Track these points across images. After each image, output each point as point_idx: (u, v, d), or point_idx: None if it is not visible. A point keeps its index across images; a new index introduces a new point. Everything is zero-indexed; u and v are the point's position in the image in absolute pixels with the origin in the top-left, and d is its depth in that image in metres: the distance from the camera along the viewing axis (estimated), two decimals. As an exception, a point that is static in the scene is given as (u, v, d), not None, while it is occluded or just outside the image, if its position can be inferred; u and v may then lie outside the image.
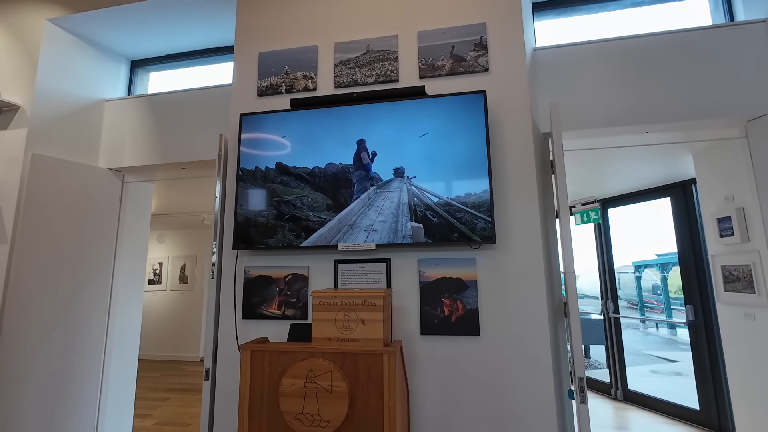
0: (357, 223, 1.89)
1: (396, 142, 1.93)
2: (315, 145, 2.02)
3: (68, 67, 2.79)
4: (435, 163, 1.88)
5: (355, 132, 1.98)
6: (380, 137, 1.95)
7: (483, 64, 2.01)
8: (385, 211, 1.87)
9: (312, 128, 2.03)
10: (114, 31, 2.89)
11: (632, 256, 13.28)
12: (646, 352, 7.84)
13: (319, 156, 2.01)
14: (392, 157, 1.93)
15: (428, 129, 1.92)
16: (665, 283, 11.99)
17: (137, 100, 2.92)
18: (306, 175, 2.00)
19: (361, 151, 1.93)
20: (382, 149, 1.94)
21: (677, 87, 2.14)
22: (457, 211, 1.82)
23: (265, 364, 1.42)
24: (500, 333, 1.79)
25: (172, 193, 4.91)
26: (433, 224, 1.82)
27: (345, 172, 1.96)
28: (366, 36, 2.18)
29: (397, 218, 1.85)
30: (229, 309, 2.07)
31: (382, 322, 1.40)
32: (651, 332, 10.76)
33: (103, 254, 2.78)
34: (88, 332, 2.63)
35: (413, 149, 1.92)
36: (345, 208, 1.92)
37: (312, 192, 1.98)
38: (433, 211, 1.84)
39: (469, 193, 1.82)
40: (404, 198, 1.87)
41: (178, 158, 2.77)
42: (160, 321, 6.44)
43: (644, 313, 12.55)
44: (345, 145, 1.99)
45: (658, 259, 12.39)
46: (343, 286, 1.95)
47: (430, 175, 1.88)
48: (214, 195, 2.17)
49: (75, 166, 2.65)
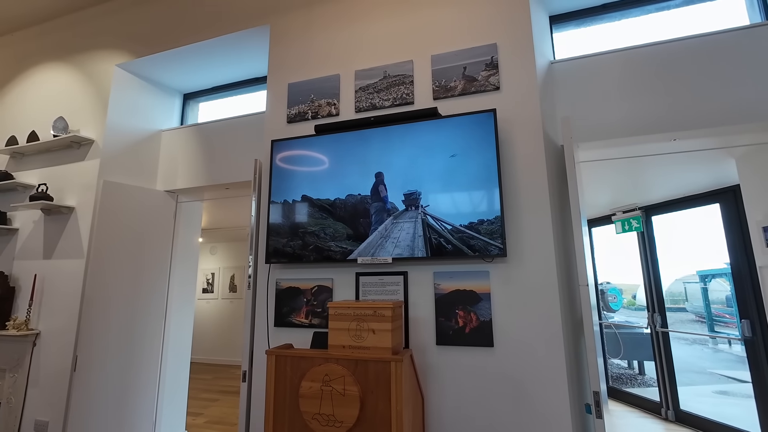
0: (376, 254, 2.03)
1: (411, 163, 2.06)
2: (337, 169, 2.19)
3: (132, 104, 3.23)
4: (448, 182, 1.98)
5: (375, 154, 2.13)
6: (397, 159, 2.09)
7: (494, 82, 2.09)
8: (402, 243, 1.98)
9: (335, 151, 2.21)
10: (169, 70, 3.30)
11: (696, 265, 12.15)
12: (712, 371, 7.16)
13: (340, 183, 2.17)
14: (408, 178, 2.05)
15: (442, 149, 2.02)
16: (735, 295, 10.87)
17: (187, 129, 3.29)
18: (328, 206, 2.17)
19: (379, 185, 2.08)
20: (398, 171, 2.07)
21: (707, 91, 2.07)
22: (470, 239, 1.89)
23: (288, 368, 1.58)
24: (514, 344, 1.82)
25: (221, 210, 5.36)
26: (448, 251, 1.91)
27: (364, 203, 2.11)
28: (383, 62, 2.34)
29: (413, 250, 1.95)
30: (263, 317, 2.28)
31: (391, 332, 1.51)
32: (722, 348, 9.77)
33: (161, 266, 3.14)
34: (147, 335, 2.98)
35: (428, 169, 2.02)
36: (365, 240, 2.06)
37: (334, 222, 2.14)
38: (447, 239, 1.93)
39: (482, 219, 1.88)
40: (419, 230, 1.98)
41: (222, 179, 3.08)
42: (212, 327, 6.96)
43: (713, 328, 11.40)
44: (365, 170, 2.14)
45: (727, 267, 11.26)
46: (363, 298, 2.09)
47: (443, 197, 1.97)
48: (250, 213, 2.42)
49: (137, 190, 3.04)
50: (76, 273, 2.80)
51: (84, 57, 3.32)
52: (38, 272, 2.95)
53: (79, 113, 3.15)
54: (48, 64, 3.46)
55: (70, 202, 2.97)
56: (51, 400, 2.65)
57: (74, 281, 2.79)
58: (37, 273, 2.95)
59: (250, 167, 2.98)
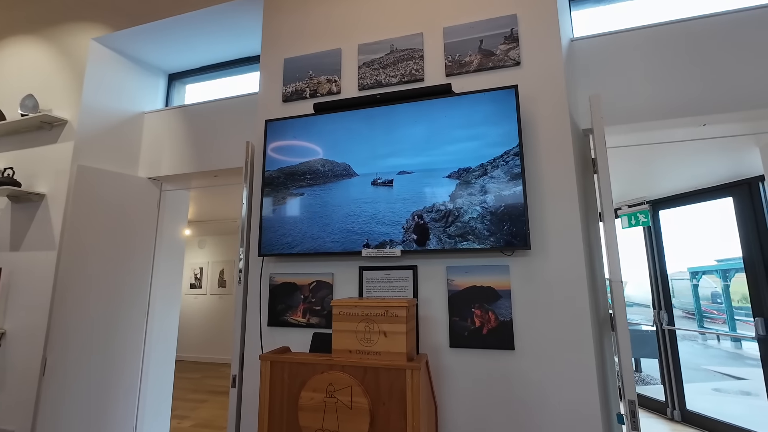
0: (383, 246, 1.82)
1: (423, 145, 1.85)
2: (339, 152, 1.97)
3: (111, 83, 2.95)
4: (464, 164, 1.78)
5: (380, 136, 1.91)
6: (406, 140, 1.88)
7: (514, 57, 1.89)
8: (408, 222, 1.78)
9: (336, 133, 1.99)
10: (152, 47, 3.03)
11: (688, 261, 12.25)
12: (706, 368, 7.14)
13: (343, 164, 1.96)
14: (419, 160, 1.84)
15: (456, 130, 1.81)
16: (727, 292, 10.95)
17: (173, 111, 3.03)
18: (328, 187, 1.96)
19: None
20: (407, 153, 1.86)
21: (739, 72, 1.90)
22: (486, 220, 1.69)
23: (285, 375, 1.37)
24: (538, 348, 1.64)
25: (211, 201, 5.10)
26: (460, 235, 1.71)
27: (366, 185, 1.90)
28: (390, 36, 2.12)
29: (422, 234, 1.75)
30: (255, 316, 2.06)
31: (405, 335, 1.31)
32: (712, 345, 9.82)
33: (143, 260, 2.89)
34: (128, 334, 2.73)
35: (441, 151, 1.82)
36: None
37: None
38: (461, 223, 1.73)
39: (502, 198, 1.69)
40: (432, 211, 1.77)
41: (210, 166, 2.83)
42: (200, 324, 6.69)
43: (702, 324, 11.51)
44: (369, 151, 1.92)
45: (718, 264, 11.34)
46: (367, 294, 1.88)
47: (458, 181, 1.77)
48: (241, 201, 2.19)
49: (116, 176, 2.78)
50: (47, 266, 2.54)
51: (57, 30, 3.02)
52: (4, 266, 2.68)
53: (51, 91, 2.87)
54: (17, 38, 3.16)
55: (40, 189, 2.70)
56: (17, 407, 2.40)
57: (45, 275, 2.53)
58: (2, 266, 2.68)
59: (241, 153, 2.74)
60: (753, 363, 7.48)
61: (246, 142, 2.33)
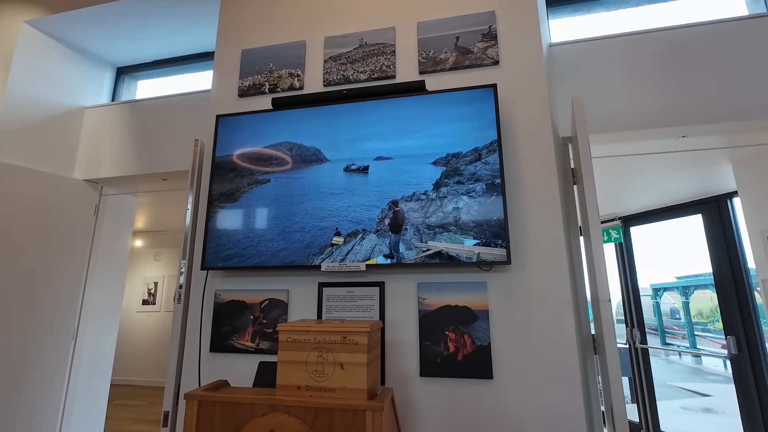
0: (345, 260, 1.60)
1: (392, 148, 1.65)
2: (299, 152, 1.75)
3: (45, 72, 2.61)
4: (438, 173, 1.59)
5: (344, 134, 1.71)
6: (374, 141, 1.68)
7: (492, 56, 1.75)
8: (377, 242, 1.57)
9: (296, 132, 1.77)
10: (97, 35, 2.72)
11: (651, 278, 12.66)
12: (671, 384, 7.22)
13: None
14: (386, 168, 1.64)
15: (428, 131, 1.64)
16: (687, 308, 11.33)
17: (118, 107, 2.71)
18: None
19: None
20: (374, 156, 1.67)
21: (714, 85, 1.84)
22: (463, 237, 1.51)
23: (216, 418, 1.10)
24: (519, 376, 1.44)
25: (167, 209, 4.69)
26: (434, 254, 1.51)
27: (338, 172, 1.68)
28: (359, 29, 1.94)
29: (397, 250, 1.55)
30: (195, 339, 1.76)
31: (367, 366, 1.08)
32: (674, 360, 10.06)
33: (73, 273, 2.51)
34: (46, 364, 2.33)
35: (414, 159, 1.63)
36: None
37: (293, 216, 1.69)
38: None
39: (482, 215, 1.51)
40: (401, 229, 1.57)
41: (158, 168, 2.53)
42: (151, 344, 6.12)
43: (665, 339, 11.82)
44: (333, 153, 1.71)
45: (678, 282, 11.76)
46: (328, 315, 1.64)
47: (432, 193, 1.58)
48: (186, 206, 1.91)
49: (44, 177, 2.42)
50: (-53, 280, 2.13)
51: (-17, 10, 2.67)
52: None
53: (-30, 77, 2.49)
54: (-64, 18, 2.77)
55: (-53, 189, 2.30)
56: None
57: (-57, 291, 2.12)
58: None
59: (192, 154, 2.46)
60: (713, 378, 7.65)
61: (195, 140, 2.06)
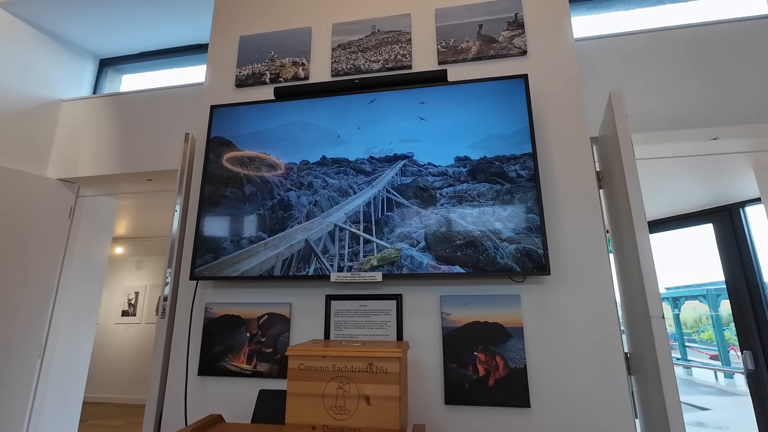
0: (357, 269, 1.40)
1: (410, 145, 1.48)
2: (301, 151, 1.55)
3: (18, 60, 2.37)
4: (464, 175, 1.42)
5: (356, 122, 1.52)
6: (391, 138, 1.50)
7: (519, 45, 1.59)
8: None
9: (298, 129, 1.57)
10: (78, 23, 2.49)
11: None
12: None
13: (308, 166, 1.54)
14: (405, 169, 1.46)
15: (451, 125, 1.46)
16: (677, 320, 11.34)
17: (100, 100, 2.48)
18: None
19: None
20: (392, 153, 1.48)
21: (742, 84, 1.73)
22: (498, 242, 1.33)
23: (208, 468, 0.88)
24: (560, 403, 1.26)
25: (151, 214, 4.41)
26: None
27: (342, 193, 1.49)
28: (371, 15, 1.77)
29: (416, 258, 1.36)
30: (182, 360, 1.53)
31: (399, 401, 0.88)
32: (666, 371, 10.01)
33: (43, 283, 2.24)
34: (9, 382, 2.05)
35: (434, 155, 1.45)
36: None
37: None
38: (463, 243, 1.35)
39: (512, 220, 1.34)
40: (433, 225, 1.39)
41: (143, 167, 2.29)
42: (130, 359, 5.73)
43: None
44: (344, 156, 1.52)
45: (667, 293, 11.80)
46: (336, 332, 1.43)
47: (460, 198, 1.41)
48: (174, 207, 1.68)
49: (13, 174, 2.17)
50: None
51: (-49, -9, 2.42)
52: None
53: (-69, 63, 2.24)
54: None
55: None
56: None
57: None
58: None
59: (181, 152, 2.24)
60: (707, 390, 7.59)
61: (185, 133, 1.85)
